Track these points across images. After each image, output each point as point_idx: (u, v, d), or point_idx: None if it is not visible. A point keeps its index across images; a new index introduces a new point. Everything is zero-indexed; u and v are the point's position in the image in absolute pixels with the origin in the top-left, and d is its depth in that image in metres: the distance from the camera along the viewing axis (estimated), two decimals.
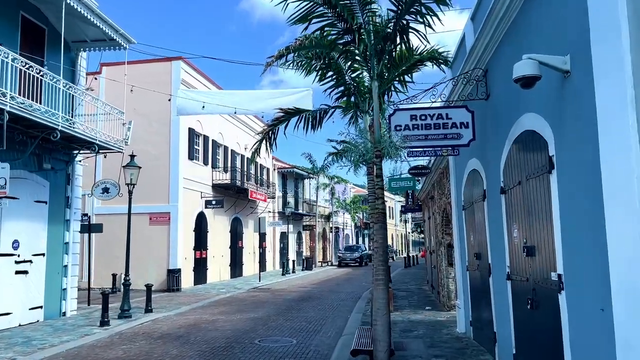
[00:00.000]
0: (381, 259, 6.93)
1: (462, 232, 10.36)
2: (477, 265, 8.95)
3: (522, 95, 5.82)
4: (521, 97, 5.79)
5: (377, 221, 7.04)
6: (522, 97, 5.81)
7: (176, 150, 22.36)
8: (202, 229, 24.54)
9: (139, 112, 22.59)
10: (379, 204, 7.08)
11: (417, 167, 13.51)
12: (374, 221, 7.12)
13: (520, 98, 5.83)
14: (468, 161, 9.28)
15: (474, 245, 9.18)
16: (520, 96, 5.79)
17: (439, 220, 14.75)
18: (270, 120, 9.82)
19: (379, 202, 7.07)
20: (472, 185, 9.18)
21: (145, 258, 21.91)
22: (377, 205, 7.09)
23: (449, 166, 11.24)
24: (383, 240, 7.04)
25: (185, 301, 17.72)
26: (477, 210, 8.70)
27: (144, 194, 21.99)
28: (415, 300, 16.64)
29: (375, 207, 7.09)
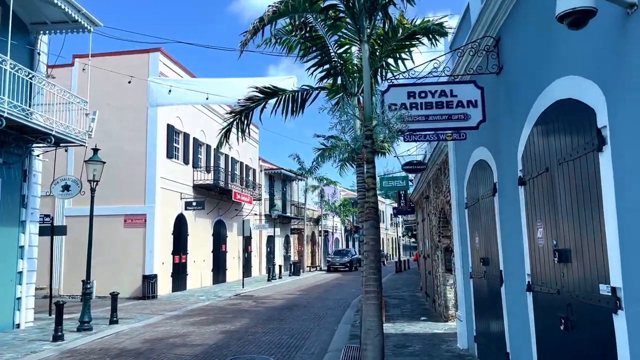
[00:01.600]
0: (372, 265, 5.62)
1: (464, 234, 9.08)
2: (483, 273, 7.66)
3: (553, 57, 4.54)
4: (553, 58, 4.52)
5: (367, 218, 5.74)
6: (553, 59, 4.53)
7: (153, 148, 20.93)
8: (182, 232, 23.08)
9: (113, 106, 21.20)
10: (370, 197, 5.78)
11: (412, 163, 12.21)
12: (364, 218, 5.82)
13: (552, 60, 4.55)
14: (472, 151, 8.01)
15: (479, 248, 7.90)
16: (552, 58, 4.51)
17: (435, 222, 13.47)
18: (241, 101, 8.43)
19: (370, 195, 5.77)
20: (477, 179, 7.89)
21: (119, 263, 20.42)
22: (368, 198, 5.78)
23: (449, 159, 9.96)
24: (375, 242, 5.73)
25: (159, 310, 16.28)
26: (484, 208, 7.42)
27: (118, 194, 20.56)
28: (408, 309, 15.33)
29: (366, 201, 5.78)
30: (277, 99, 8.48)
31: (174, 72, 22.51)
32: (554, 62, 4.55)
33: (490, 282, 7.32)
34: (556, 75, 4.51)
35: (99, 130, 21.30)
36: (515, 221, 5.87)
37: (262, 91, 8.33)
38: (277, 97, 8.45)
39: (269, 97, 8.43)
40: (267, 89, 8.28)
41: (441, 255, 12.88)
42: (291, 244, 40.36)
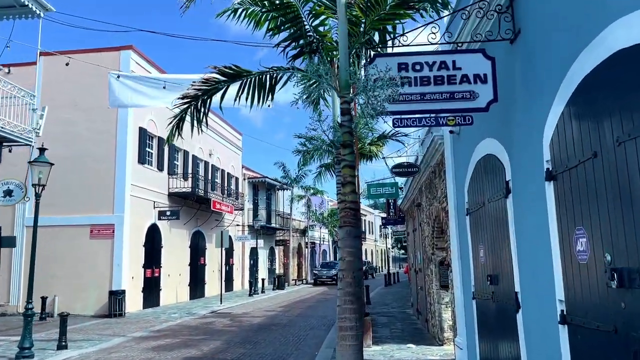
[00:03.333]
0: (350, 290, 4.23)
1: (464, 246, 7.65)
2: (490, 293, 6.23)
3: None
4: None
5: (344, 223, 4.32)
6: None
7: (123, 152, 19.37)
8: (155, 243, 21.44)
9: (81, 107, 19.67)
10: (346, 193, 4.35)
11: (402, 165, 10.80)
12: (339, 224, 4.38)
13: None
14: (476, 146, 6.61)
15: (485, 264, 6.47)
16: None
17: (428, 232, 12.05)
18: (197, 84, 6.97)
19: (347, 191, 4.37)
20: (482, 179, 6.49)
21: (84, 277, 18.75)
22: (344, 195, 4.35)
23: (445, 158, 8.57)
24: (353, 258, 4.32)
25: (123, 330, 14.63)
26: (492, 214, 6.01)
27: (84, 202, 18.96)
28: (398, 329, 13.85)
29: (342, 199, 4.35)
30: (241, 82, 7.04)
31: (147, 71, 21.02)
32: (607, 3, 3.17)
33: (500, 306, 5.89)
34: (610, 18, 3.13)
35: (64, 133, 19.76)
36: (539, 228, 4.46)
37: (223, 72, 6.88)
38: (240, 80, 7.01)
39: (231, 79, 6.99)
40: (228, 70, 6.84)
41: (435, 269, 11.45)
42: (276, 256, 38.74)
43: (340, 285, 4.31)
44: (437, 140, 8.89)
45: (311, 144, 14.61)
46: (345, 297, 4.20)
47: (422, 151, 11.32)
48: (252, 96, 7.15)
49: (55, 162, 19.74)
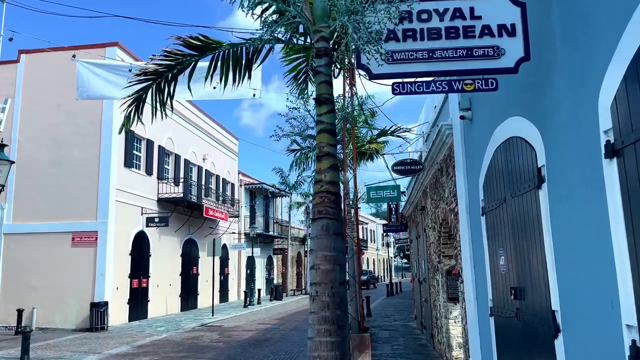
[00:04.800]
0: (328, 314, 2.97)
1: (478, 252, 6.46)
2: (514, 310, 5.03)
3: None
4: None
5: (320, 214, 3.15)
6: None
7: (108, 155, 18.23)
8: (143, 252, 20.24)
9: (64, 108, 18.57)
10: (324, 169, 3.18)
11: (404, 162, 9.60)
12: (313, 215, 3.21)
13: None
14: (495, 129, 5.44)
15: (507, 273, 5.27)
16: None
17: (433, 238, 10.84)
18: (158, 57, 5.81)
19: (325, 166, 3.18)
20: (502, 169, 5.31)
21: (64, 288, 17.55)
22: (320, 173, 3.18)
23: (455, 150, 7.39)
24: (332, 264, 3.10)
25: (100, 347, 13.41)
26: (518, 211, 4.83)
27: (66, 208, 17.82)
28: (401, 346, 12.60)
29: (318, 180, 3.18)
30: (213, 57, 5.89)
31: None
32: None
33: (529, 327, 4.69)
34: None
35: (46, 135, 18.64)
36: (591, 225, 3.29)
37: (188, 44, 5.72)
38: (212, 54, 5.86)
39: (199, 53, 5.84)
40: (194, 41, 5.68)
41: (442, 279, 10.23)
42: (274, 266, 37.46)
43: (313, 306, 3.10)
44: (444, 130, 7.72)
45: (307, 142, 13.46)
46: (320, 325, 2.99)
47: (426, 147, 10.14)
48: (225, 74, 6.00)
49: (36, 165, 18.71)
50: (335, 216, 3.21)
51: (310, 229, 39.79)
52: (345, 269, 3.27)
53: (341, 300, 3.09)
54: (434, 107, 9.95)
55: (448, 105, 8.27)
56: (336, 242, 3.20)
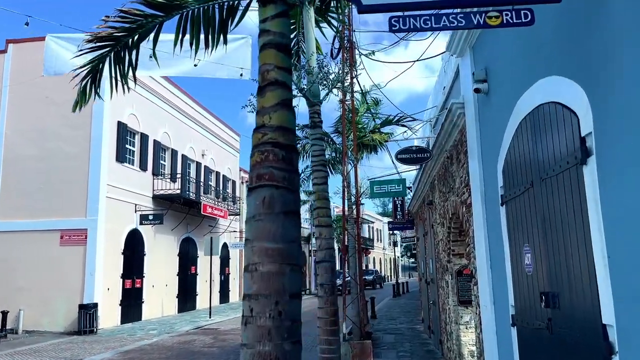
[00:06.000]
0: (268, 351, 1.91)
1: (497, 250, 5.47)
2: (546, 321, 4.04)
3: None
4: None
5: (260, 180, 2.16)
6: None
7: (98, 149, 17.35)
8: (136, 251, 19.36)
9: (53, 101, 17.69)
10: (268, 106, 2.22)
11: (410, 150, 8.58)
12: (251, 182, 2.21)
13: None
14: (519, 98, 4.46)
15: (535, 274, 4.29)
16: None
17: (442, 235, 9.85)
18: None
19: (269, 102, 2.25)
20: (529, 146, 4.33)
21: (52, 289, 16.70)
22: (262, 115, 2.22)
23: (468, 131, 6.39)
24: (278, 262, 2.02)
25: (83, 352, 12.54)
26: (551, 197, 3.84)
27: (54, 204, 16.97)
28: (407, 352, 11.62)
29: (260, 124, 2.20)
30: (181, 17, 4.94)
31: None
32: None
33: (565, 342, 3.70)
34: None
35: (34, 129, 17.80)
36: None
37: (150, 2, 4.76)
38: (179, 14, 4.91)
39: (164, 13, 4.88)
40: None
41: (452, 281, 9.23)
42: None
43: (246, 334, 2.08)
44: (455, 109, 6.72)
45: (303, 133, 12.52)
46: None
47: (434, 134, 9.14)
48: (196, 37, 5.05)
49: (23, 160, 17.84)
50: (287, 184, 2.19)
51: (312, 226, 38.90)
52: (299, 272, 2.25)
53: (292, 324, 2.09)
54: (443, 89, 8.96)
55: (459, 83, 7.28)
56: (286, 226, 2.18)
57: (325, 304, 5.92)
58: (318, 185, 5.78)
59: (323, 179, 5.82)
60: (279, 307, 2.06)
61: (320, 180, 5.78)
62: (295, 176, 2.25)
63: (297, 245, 2.28)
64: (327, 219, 5.98)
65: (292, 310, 2.21)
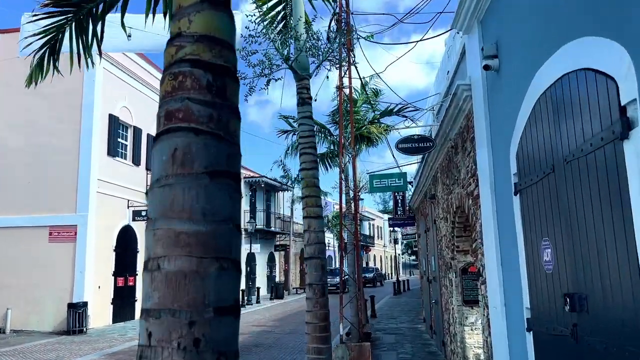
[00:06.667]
0: None
1: (509, 245, 4.90)
2: (569, 327, 3.47)
3: None
4: None
5: (170, 121, 1.52)
6: None
7: (88, 143, 16.77)
8: (129, 248, 18.80)
9: (41, 92, 17.00)
10: (187, 6, 1.66)
11: (411, 139, 7.98)
12: (158, 124, 1.58)
13: None
14: (541, 67, 3.88)
15: (556, 273, 3.71)
16: None
17: (445, 230, 9.28)
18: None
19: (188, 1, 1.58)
20: (549, 126, 3.74)
21: (41, 287, 16.14)
22: (183, 15, 1.69)
23: (476, 114, 5.81)
24: (196, 264, 1.35)
25: (69, 354, 12.01)
26: (577, 182, 3.27)
27: (43, 200, 16.40)
28: (408, 354, 11.07)
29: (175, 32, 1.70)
30: None
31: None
32: None
33: (597, 353, 3.13)
34: None
35: (21, 121, 17.23)
36: None
37: None
38: None
39: None
40: None
41: (456, 279, 8.66)
42: (276, 263, 36.00)
43: None
44: (461, 92, 6.13)
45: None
46: None
47: (437, 121, 8.55)
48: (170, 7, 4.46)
49: (10, 154, 17.24)
50: (214, 127, 1.51)
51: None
52: (236, 273, 1.56)
53: (220, 356, 1.37)
54: (447, 74, 8.37)
55: (464, 65, 6.70)
56: (212, 196, 1.45)
57: (315, 306, 5.32)
58: (307, 171, 5.19)
59: (312, 163, 5.24)
60: (194, 331, 1.32)
61: (309, 164, 5.19)
62: (230, 116, 1.59)
63: (232, 227, 1.56)
64: (317, 210, 5.38)
65: (219, 336, 1.50)
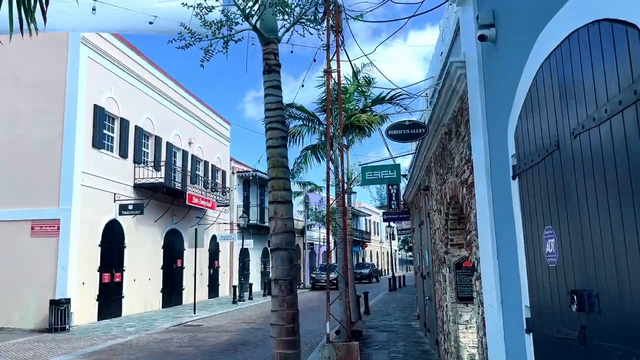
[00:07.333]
0: None
1: (506, 235, 4.41)
2: (576, 328, 2.97)
3: None
4: None
5: None
6: None
7: (71, 134, 16.21)
8: (116, 243, 18.27)
9: (23, 82, 16.56)
10: None
11: (402, 125, 7.45)
12: None
13: None
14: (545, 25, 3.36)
15: (560, 266, 3.21)
16: None
17: (439, 223, 8.78)
18: None
19: None
20: (553, 97, 3.23)
21: (22, 283, 15.62)
22: None
23: (471, 93, 5.29)
24: None
25: (47, 352, 11.50)
26: (588, 158, 2.75)
27: (25, 193, 15.88)
28: (400, 353, 10.59)
29: None
30: None
31: (105, 39, 17.85)
32: None
33: (607, 358, 2.62)
34: None
35: (2, 112, 16.65)
36: None
37: None
38: None
39: None
40: None
41: (449, 274, 8.16)
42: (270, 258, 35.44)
43: None
44: (454, 70, 5.61)
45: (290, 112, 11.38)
46: None
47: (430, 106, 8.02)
48: None
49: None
50: None
51: (306, 219, 37.86)
52: None
53: None
54: (440, 55, 7.85)
55: (459, 43, 6.18)
56: None
57: (281, 305, 4.76)
58: (273, 149, 4.62)
59: (280, 140, 4.67)
60: None
61: (276, 141, 4.62)
62: None
63: None
64: (285, 194, 4.79)
65: None
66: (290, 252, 4.77)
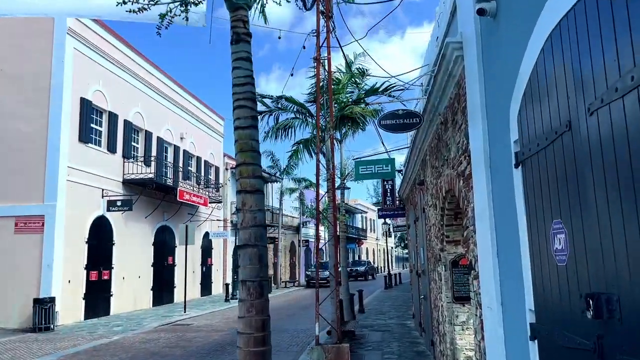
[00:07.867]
0: None
1: (507, 231, 3.98)
2: (592, 338, 2.52)
3: None
4: None
5: None
6: None
7: (57, 127, 15.72)
8: (103, 240, 17.80)
9: (6, 74, 16.05)
10: None
11: (395, 115, 7.00)
12: None
13: None
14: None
15: (571, 265, 2.77)
16: None
17: (434, 219, 8.35)
18: None
19: None
20: (561, 73, 2.78)
21: (7, 281, 15.16)
22: None
23: (468, 74, 4.86)
24: None
25: (27, 354, 11.04)
26: (608, 137, 2.30)
27: (8, 189, 15.41)
28: (394, 352, 10.18)
29: None
30: None
31: (91, 29, 17.33)
32: None
33: None
34: None
35: None
36: None
37: None
38: None
39: None
40: None
41: (445, 273, 7.74)
42: None
43: None
44: (450, 51, 5.17)
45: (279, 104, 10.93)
46: None
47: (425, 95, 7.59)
48: None
49: None
50: None
51: (301, 216, 37.38)
52: None
53: None
54: (436, 39, 7.41)
55: (456, 24, 5.75)
56: None
57: (249, 311, 4.27)
58: (242, 130, 4.10)
59: (250, 120, 4.16)
60: None
61: (245, 121, 4.11)
62: None
63: None
64: (255, 182, 4.24)
65: None
66: (261, 249, 4.30)
